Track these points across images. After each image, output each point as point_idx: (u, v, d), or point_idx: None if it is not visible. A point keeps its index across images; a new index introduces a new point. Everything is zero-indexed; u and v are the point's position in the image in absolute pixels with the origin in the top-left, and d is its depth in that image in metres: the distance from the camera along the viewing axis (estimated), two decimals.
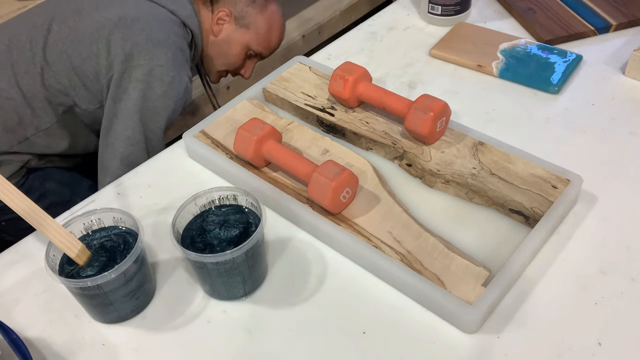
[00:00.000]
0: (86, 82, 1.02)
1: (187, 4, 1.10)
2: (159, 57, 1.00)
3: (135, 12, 1.02)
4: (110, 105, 1.01)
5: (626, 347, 0.58)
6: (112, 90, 1.00)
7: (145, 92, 1.00)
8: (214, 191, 0.65)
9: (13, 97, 1.02)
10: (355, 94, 0.81)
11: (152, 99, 1.00)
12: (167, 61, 1.00)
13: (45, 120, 1.04)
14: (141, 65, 0.99)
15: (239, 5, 1.14)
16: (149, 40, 1.00)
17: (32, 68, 1.02)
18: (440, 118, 0.75)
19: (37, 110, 1.03)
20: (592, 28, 0.99)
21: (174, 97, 1.02)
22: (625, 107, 0.85)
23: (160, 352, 0.61)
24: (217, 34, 1.15)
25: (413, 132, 0.76)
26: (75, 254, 0.60)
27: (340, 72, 0.82)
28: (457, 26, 1.03)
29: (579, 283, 0.64)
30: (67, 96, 1.03)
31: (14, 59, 1.02)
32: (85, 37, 1.01)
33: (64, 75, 1.02)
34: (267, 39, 1.20)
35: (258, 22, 1.16)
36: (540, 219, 0.66)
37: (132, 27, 1.00)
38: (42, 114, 1.03)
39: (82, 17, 1.03)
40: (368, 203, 0.70)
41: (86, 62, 1.01)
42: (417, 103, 0.75)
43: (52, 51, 1.02)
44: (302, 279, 0.66)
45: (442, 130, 0.77)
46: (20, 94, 1.02)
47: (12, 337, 0.58)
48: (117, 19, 1.01)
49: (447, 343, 0.60)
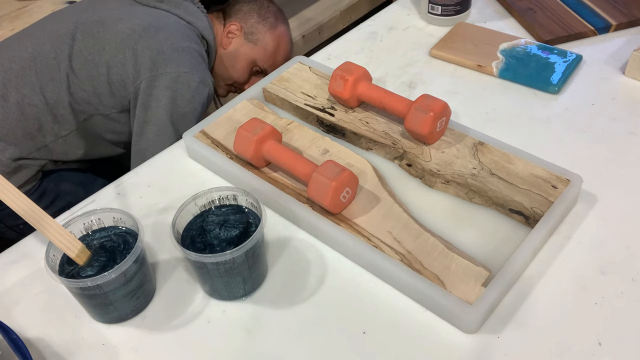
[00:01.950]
0: (112, 90, 1.05)
1: (203, 16, 1.14)
2: (184, 64, 1.03)
3: (158, 22, 1.06)
4: (141, 112, 1.04)
5: (626, 347, 0.58)
6: (142, 97, 1.03)
7: (174, 98, 1.03)
8: (214, 191, 0.65)
9: (35, 104, 1.03)
10: (355, 94, 0.81)
11: (182, 105, 1.03)
12: (192, 67, 1.04)
13: (65, 128, 1.06)
14: (168, 72, 1.02)
15: (250, 21, 1.20)
16: (173, 48, 1.03)
17: (58, 76, 1.03)
18: (440, 118, 0.74)
19: (59, 117, 1.05)
20: (592, 28, 0.99)
21: (201, 101, 1.06)
22: (625, 107, 0.85)
23: (160, 352, 0.61)
24: (226, 46, 1.19)
25: (413, 132, 0.76)
26: (75, 254, 0.60)
27: (340, 72, 0.82)
28: (457, 26, 1.03)
29: (579, 283, 0.64)
30: (90, 104, 1.06)
31: (38, 67, 1.04)
32: (111, 47, 1.04)
33: (89, 83, 1.04)
34: (273, 57, 1.23)
35: (266, 39, 1.21)
36: (540, 219, 0.66)
37: (157, 36, 1.03)
38: (62, 121, 1.05)
39: (105, 28, 1.05)
40: (368, 203, 0.70)
41: (112, 70, 1.03)
42: (417, 103, 0.75)
43: (78, 60, 1.04)
44: (302, 279, 0.66)
45: (442, 130, 0.77)
46: (44, 101, 1.03)
47: (12, 337, 0.58)
48: (142, 29, 1.04)
49: (447, 343, 0.60)
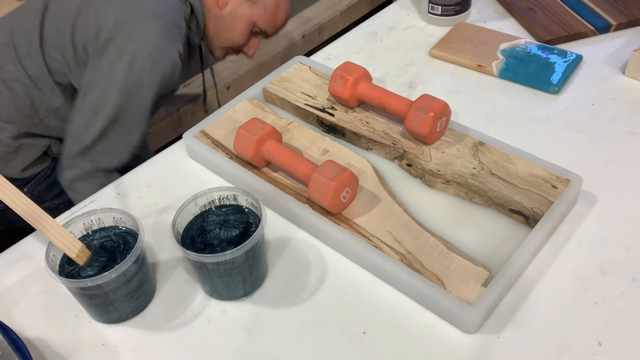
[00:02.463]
0: (77, 56, 1.00)
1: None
2: (149, 30, 0.96)
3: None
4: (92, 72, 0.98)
5: (626, 347, 0.58)
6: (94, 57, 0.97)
7: (131, 65, 0.96)
8: (214, 191, 0.65)
9: (20, 79, 1.02)
10: (355, 94, 0.81)
11: (138, 73, 0.96)
12: (159, 35, 0.97)
13: (54, 100, 1.04)
14: (130, 37, 0.95)
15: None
16: (141, 11, 0.97)
17: (33, 48, 1.01)
18: (440, 118, 0.74)
19: (45, 90, 1.03)
20: (592, 28, 0.99)
21: (161, 73, 0.98)
22: (625, 107, 0.85)
23: (160, 352, 0.61)
24: (222, 6, 1.11)
25: (413, 132, 0.76)
26: (75, 254, 0.60)
27: (340, 72, 0.82)
28: (457, 26, 1.03)
29: (579, 283, 0.64)
30: (64, 74, 1.03)
31: (15, 42, 1.02)
32: (76, 8, 0.99)
33: (59, 52, 1.01)
34: (273, 16, 1.16)
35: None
36: (540, 219, 0.66)
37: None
38: (49, 94, 1.03)
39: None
40: (368, 203, 0.70)
41: (77, 34, 0.99)
42: (417, 103, 0.75)
43: (49, 30, 1.01)
44: (302, 279, 0.66)
45: (442, 130, 0.77)
46: (27, 76, 1.02)
47: (12, 337, 0.58)
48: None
49: (447, 343, 0.60)
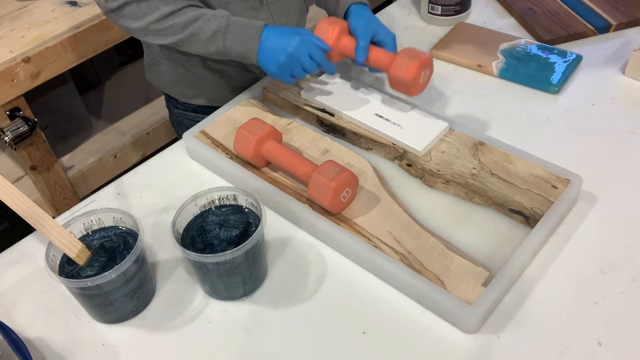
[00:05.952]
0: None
1: None
2: None
3: None
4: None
5: (626, 347, 0.58)
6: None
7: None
8: (214, 191, 0.65)
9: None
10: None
11: None
12: None
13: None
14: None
15: None
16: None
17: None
18: (425, 67, 0.77)
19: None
20: (592, 28, 0.99)
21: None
22: (625, 107, 0.85)
23: (160, 352, 0.61)
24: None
25: (398, 79, 0.77)
26: (75, 254, 0.60)
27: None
28: (457, 26, 1.03)
29: (579, 283, 0.64)
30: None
31: None
32: None
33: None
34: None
35: None
36: (540, 219, 0.66)
37: None
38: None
39: None
40: (368, 203, 0.70)
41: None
42: (402, 52, 0.77)
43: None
44: (302, 279, 0.66)
45: (424, 83, 0.79)
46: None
47: (12, 337, 0.58)
48: None
49: (447, 343, 0.60)
